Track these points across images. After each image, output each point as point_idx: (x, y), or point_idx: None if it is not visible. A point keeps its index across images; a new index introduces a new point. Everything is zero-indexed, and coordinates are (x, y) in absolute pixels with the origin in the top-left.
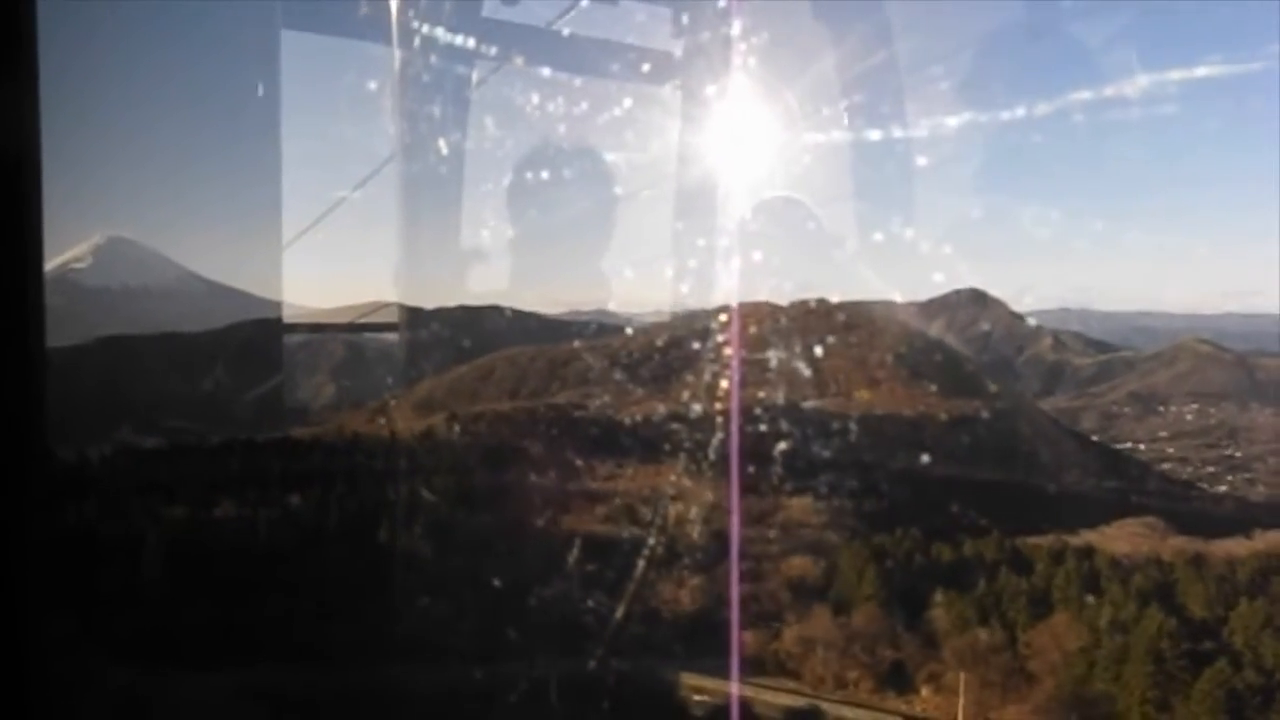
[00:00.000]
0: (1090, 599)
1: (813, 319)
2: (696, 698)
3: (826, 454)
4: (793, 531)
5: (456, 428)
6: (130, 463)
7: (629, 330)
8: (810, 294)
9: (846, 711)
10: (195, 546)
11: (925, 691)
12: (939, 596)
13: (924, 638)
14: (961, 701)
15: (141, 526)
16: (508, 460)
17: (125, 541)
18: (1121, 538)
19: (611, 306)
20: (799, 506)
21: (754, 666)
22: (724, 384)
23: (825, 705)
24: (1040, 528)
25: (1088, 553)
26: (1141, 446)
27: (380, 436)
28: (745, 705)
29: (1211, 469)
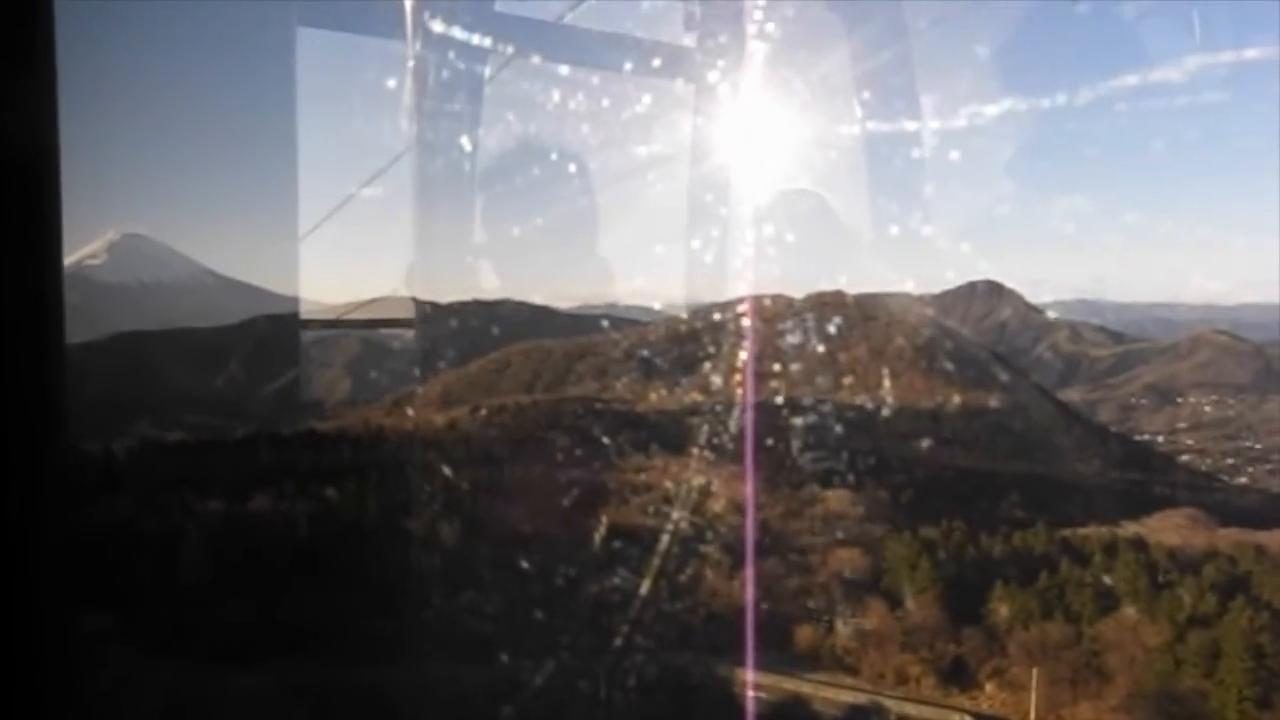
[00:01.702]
0: (1163, 592)
1: (828, 310)
2: (753, 694)
3: (851, 445)
4: (832, 524)
5: (478, 421)
6: (147, 458)
7: (646, 324)
8: (826, 287)
9: (910, 708)
10: (213, 541)
11: (989, 687)
12: (996, 590)
13: (983, 632)
14: (1034, 697)
15: (158, 521)
16: (532, 454)
17: (143, 536)
18: (1167, 529)
19: (624, 301)
20: (834, 498)
21: (811, 662)
22: (743, 376)
23: (888, 702)
24: (1079, 520)
25: (1140, 544)
26: (1160, 438)
27: (399, 430)
28: (804, 702)
29: (1231, 461)
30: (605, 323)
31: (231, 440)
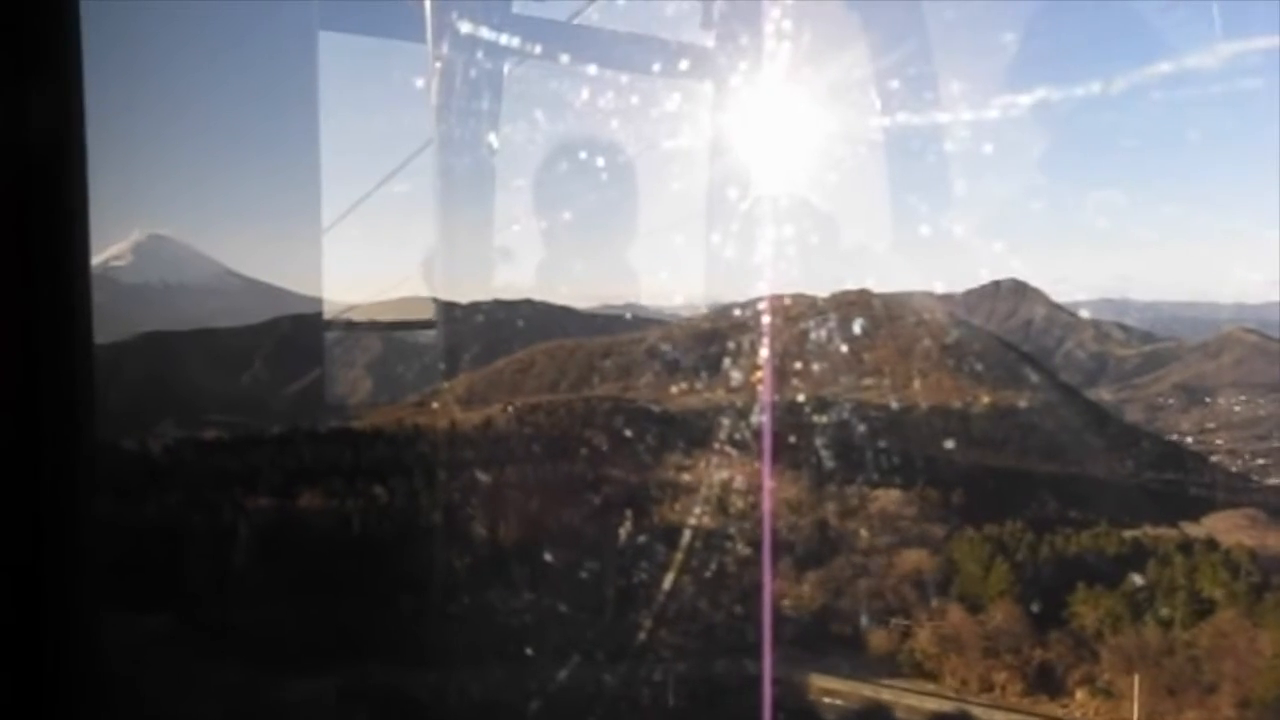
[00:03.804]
0: (1264, 595)
1: (854, 310)
2: (827, 700)
3: (892, 445)
4: (889, 524)
5: (512, 419)
6: (173, 456)
7: (671, 323)
8: (848, 286)
9: (999, 716)
10: (240, 540)
11: (1080, 695)
12: (1078, 593)
13: (1068, 637)
14: (1136, 705)
15: (185, 520)
16: (573, 453)
17: (170, 535)
18: (1232, 530)
19: (647, 301)
20: (885, 498)
21: (888, 667)
22: (779, 376)
23: (976, 709)
24: (1134, 521)
25: (1214, 545)
26: (1190, 439)
27: (428, 429)
28: (885, 709)
29: (1262, 461)
30: (629, 316)
31: (258, 438)
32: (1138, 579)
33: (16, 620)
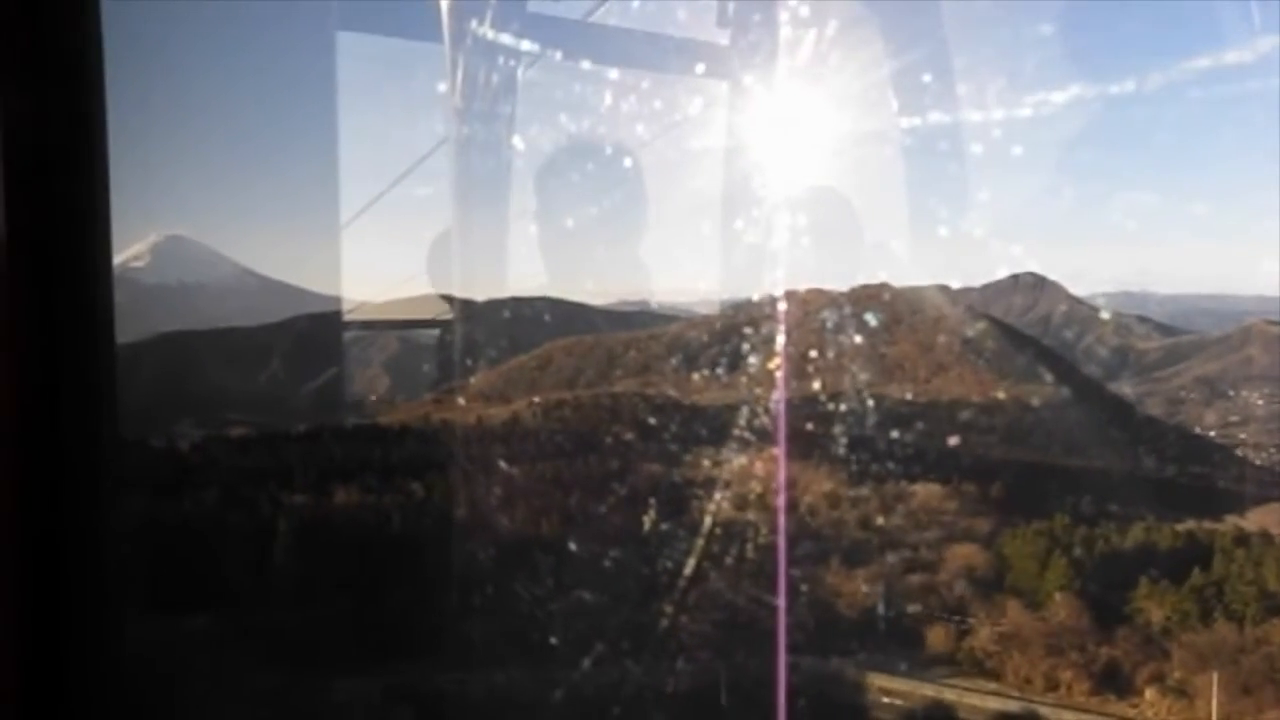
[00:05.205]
0: None
1: (873, 304)
2: (885, 700)
3: (924, 440)
4: (933, 518)
5: (538, 416)
6: (193, 454)
7: (690, 319)
8: (865, 281)
9: (1067, 715)
10: (258, 539)
11: (1150, 694)
12: (1141, 588)
13: (1134, 633)
14: (1215, 704)
15: (205, 518)
16: (605, 449)
17: (189, 533)
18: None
19: (662, 298)
20: (924, 493)
21: (947, 666)
22: (798, 370)
23: (1044, 709)
24: (1176, 515)
25: (1270, 539)
26: (1213, 433)
27: (448, 425)
28: (947, 709)
29: None
30: (654, 306)
31: (277, 437)
32: (1200, 574)
33: (37, 622)
